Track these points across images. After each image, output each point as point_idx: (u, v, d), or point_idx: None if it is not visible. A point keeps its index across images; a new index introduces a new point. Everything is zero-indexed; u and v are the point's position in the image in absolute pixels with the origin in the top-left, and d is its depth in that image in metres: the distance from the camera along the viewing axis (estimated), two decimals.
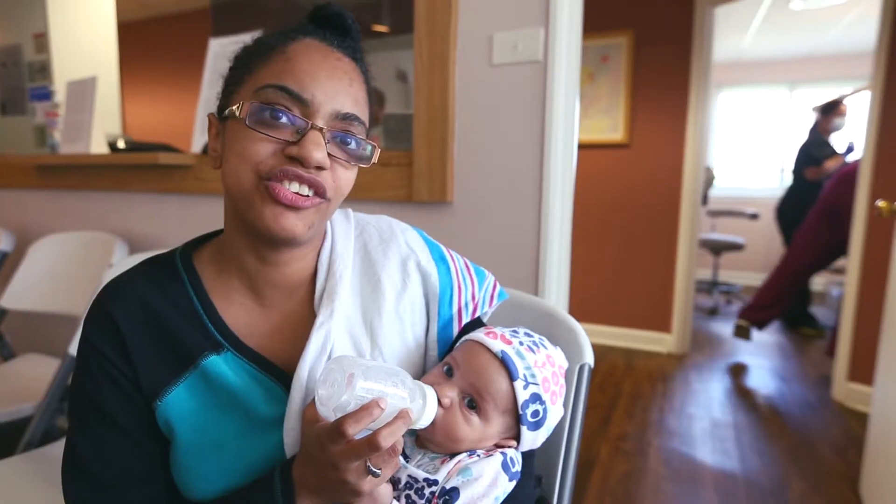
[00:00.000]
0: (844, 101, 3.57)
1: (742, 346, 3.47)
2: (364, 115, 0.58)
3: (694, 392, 2.74)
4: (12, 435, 1.35)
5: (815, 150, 3.62)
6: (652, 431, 2.30)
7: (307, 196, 0.54)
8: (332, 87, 0.55)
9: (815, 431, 2.32)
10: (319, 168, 0.54)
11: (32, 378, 1.57)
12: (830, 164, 3.52)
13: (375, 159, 0.59)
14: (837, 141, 3.66)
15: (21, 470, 1.16)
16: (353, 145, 0.57)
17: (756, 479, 1.94)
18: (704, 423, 2.38)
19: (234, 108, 0.54)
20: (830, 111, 3.58)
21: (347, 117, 0.56)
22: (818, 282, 4.50)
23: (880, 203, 1.75)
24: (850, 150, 3.51)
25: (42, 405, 1.36)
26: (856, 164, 2.90)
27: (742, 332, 3.24)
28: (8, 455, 1.22)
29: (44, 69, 2.69)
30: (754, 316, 3.22)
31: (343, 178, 0.57)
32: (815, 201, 3.16)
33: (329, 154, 0.54)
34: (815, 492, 1.87)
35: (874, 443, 1.74)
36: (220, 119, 0.59)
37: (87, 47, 2.80)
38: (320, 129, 0.53)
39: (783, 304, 3.19)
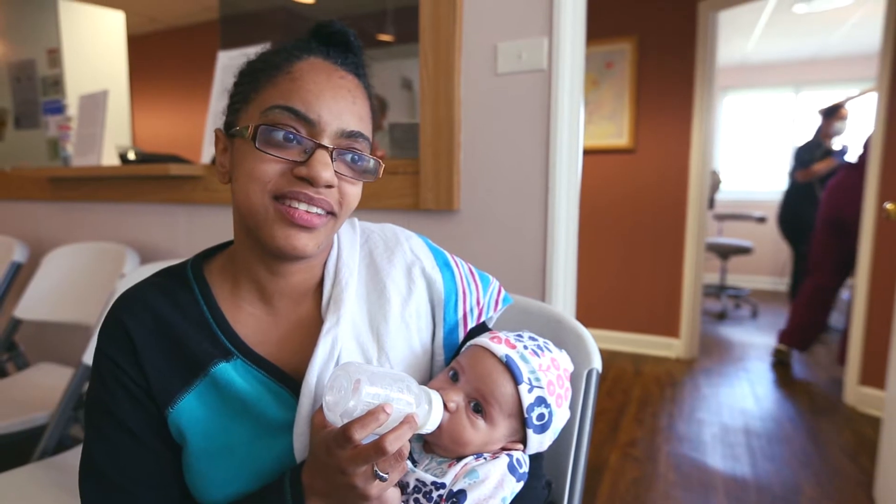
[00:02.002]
0: (845, 105, 3.56)
1: (751, 351, 3.45)
2: (367, 130, 0.60)
3: (703, 397, 2.72)
4: (27, 443, 1.37)
5: (804, 154, 3.67)
6: (661, 437, 2.29)
7: (318, 215, 0.56)
8: (338, 107, 0.56)
9: (826, 436, 2.30)
10: (328, 186, 0.55)
11: (46, 387, 1.60)
12: (819, 167, 3.55)
13: (380, 174, 0.61)
14: (839, 143, 3.66)
15: (36, 478, 1.18)
16: (358, 162, 0.58)
17: (767, 485, 1.92)
18: (714, 428, 2.37)
19: (242, 128, 0.56)
20: (832, 115, 3.58)
21: (352, 135, 0.57)
22: None
23: (888, 205, 1.74)
24: (843, 151, 3.53)
25: (56, 414, 1.38)
26: (844, 172, 2.92)
27: (781, 356, 3.20)
28: (23, 463, 1.24)
29: (57, 83, 2.74)
30: (792, 339, 3.15)
31: (349, 193, 0.59)
32: (811, 202, 3.14)
33: (335, 171, 0.56)
34: (828, 497, 1.85)
35: (888, 447, 1.72)
36: (228, 135, 0.60)
37: (98, 61, 2.85)
38: (327, 149, 0.55)
39: (819, 323, 3.10)
